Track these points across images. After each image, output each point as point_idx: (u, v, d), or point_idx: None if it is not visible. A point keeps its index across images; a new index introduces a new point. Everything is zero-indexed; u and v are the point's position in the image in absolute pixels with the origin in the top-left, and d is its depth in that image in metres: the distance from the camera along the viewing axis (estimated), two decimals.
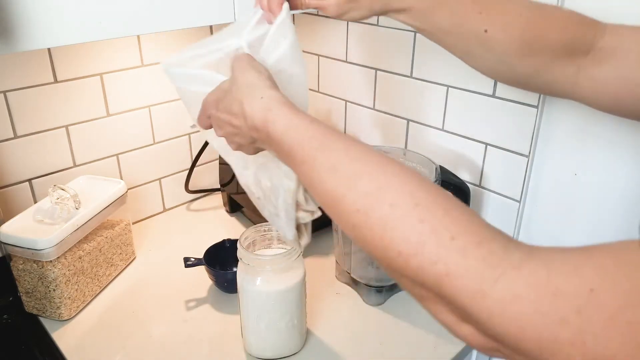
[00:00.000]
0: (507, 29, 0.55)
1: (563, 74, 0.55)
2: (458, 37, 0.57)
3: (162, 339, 0.80)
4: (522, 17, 0.55)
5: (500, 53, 0.55)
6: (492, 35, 0.55)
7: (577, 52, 0.54)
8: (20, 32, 0.55)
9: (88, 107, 0.96)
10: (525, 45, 0.55)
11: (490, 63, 0.57)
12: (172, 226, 1.10)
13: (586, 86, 0.54)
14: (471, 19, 0.56)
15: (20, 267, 0.79)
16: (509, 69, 0.56)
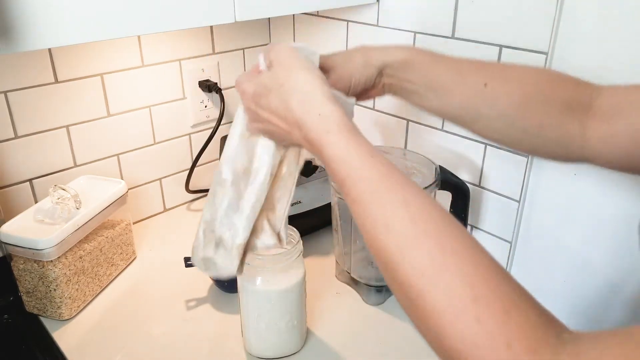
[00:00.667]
0: (507, 83, 0.56)
1: (568, 132, 0.53)
2: (458, 93, 0.56)
3: (162, 339, 0.80)
4: (520, 74, 0.57)
5: (501, 108, 0.55)
6: (492, 89, 0.55)
7: (578, 110, 0.53)
8: (20, 32, 0.55)
9: (88, 107, 0.96)
10: (525, 99, 0.54)
11: (492, 121, 0.56)
12: (173, 226, 1.10)
13: (595, 145, 0.52)
14: (470, 73, 0.57)
15: (21, 267, 0.79)
16: (511, 125, 0.55)
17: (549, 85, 0.56)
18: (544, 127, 0.54)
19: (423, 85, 0.58)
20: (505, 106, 0.55)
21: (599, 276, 0.82)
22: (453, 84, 0.57)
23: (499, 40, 0.80)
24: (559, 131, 0.53)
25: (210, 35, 1.09)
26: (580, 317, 0.86)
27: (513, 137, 0.56)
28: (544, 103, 0.54)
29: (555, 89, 0.56)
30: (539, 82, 0.56)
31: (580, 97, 0.54)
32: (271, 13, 0.79)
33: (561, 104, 0.54)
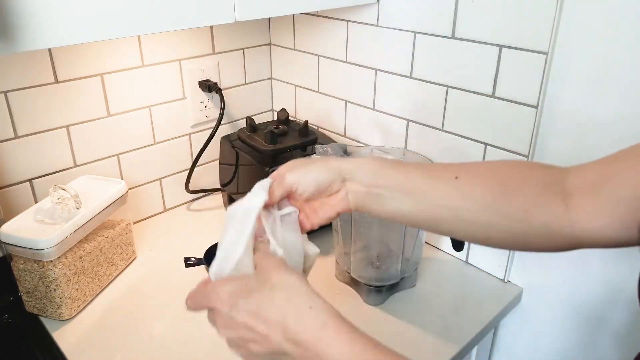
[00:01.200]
0: (478, 174, 0.55)
1: (554, 213, 0.51)
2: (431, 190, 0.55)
3: (162, 339, 0.80)
4: (489, 165, 0.57)
5: (479, 198, 0.53)
6: (465, 180, 0.54)
7: (557, 190, 0.52)
8: (21, 32, 0.55)
9: (88, 107, 0.96)
10: (502, 185, 0.53)
11: (475, 214, 0.53)
12: (173, 226, 1.10)
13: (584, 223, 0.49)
14: (439, 170, 0.56)
15: (21, 267, 0.79)
16: (496, 213, 0.52)
17: (522, 169, 0.56)
18: (529, 211, 0.52)
19: (393, 188, 0.55)
20: (482, 195, 0.53)
21: (599, 276, 0.82)
22: (424, 183, 0.55)
23: (499, 40, 0.80)
24: (545, 214, 0.51)
25: (210, 35, 1.09)
26: (580, 317, 0.87)
27: (501, 228, 0.53)
28: (522, 186, 0.53)
29: (529, 172, 0.55)
30: (511, 167, 0.56)
31: (554, 177, 0.53)
32: (271, 13, 0.79)
33: (539, 186, 0.53)
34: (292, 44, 1.17)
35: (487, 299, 0.90)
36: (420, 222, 0.57)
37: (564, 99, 0.78)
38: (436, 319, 0.84)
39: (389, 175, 0.56)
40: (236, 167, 1.05)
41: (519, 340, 0.97)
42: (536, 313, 0.92)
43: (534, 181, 0.53)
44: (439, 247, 1.02)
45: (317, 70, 1.14)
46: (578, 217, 0.50)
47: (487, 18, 0.81)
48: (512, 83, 0.81)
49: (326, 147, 0.86)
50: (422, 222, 0.57)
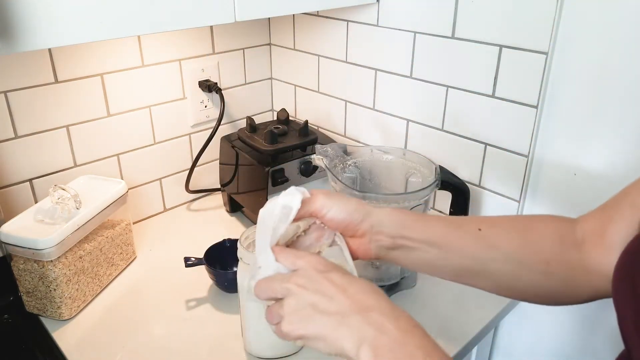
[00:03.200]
0: (500, 227, 0.56)
1: (571, 264, 0.53)
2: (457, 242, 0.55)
3: (162, 339, 0.80)
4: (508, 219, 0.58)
5: (503, 250, 0.55)
6: (488, 233, 0.55)
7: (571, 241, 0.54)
8: (20, 32, 0.55)
9: (88, 107, 0.96)
10: (523, 239, 0.55)
11: (500, 265, 0.55)
12: (173, 226, 1.10)
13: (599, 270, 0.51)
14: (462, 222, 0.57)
15: (21, 267, 0.79)
16: (520, 266, 0.54)
17: (540, 222, 0.58)
18: (550, 264, 0.54)
19: (418, 239, 0.56)
20: (506, 247, 0.55)
21: None
22: (450, 234, 0.56)
23: (499, 40, 0.80)
24: (563, 265, 0.53)
25: (210, 35, 1.09)
26: (580, 317, 0.87)
27: (526, 280, 0.55)
28: (541, 238, 0.55)
29: (547, 224, 0.57)
30: (531, 221, 0.58)
31: (566, 228, 0.55)
32: (271, 13, 0.79)
33: (554, 236, 0.55)
34: (292, 44, 1.17)
35: (487, 299, 0.90)
36: (445, 272, 0.58)
37: (563, 99, 0.78)
38: (436, 319, 0.84)
39: (414, 227, 0.56)
40: (236, 167, 1.05)
41: (519, 340, 0.97)
42: (536, 313, 0.92)
43: (551, 232, 0.55)
44: None
45: (317, 70, 1.14)
46: (591, 265, 0.52)
47: (487, 18, 0.81)
48: (512, 83, 0.81)
49: (326, 147, 0.86)
50: (447, 272, 0.58)
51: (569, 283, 0.54)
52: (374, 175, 0.93)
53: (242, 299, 0.74)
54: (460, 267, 0.56)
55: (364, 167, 0.91)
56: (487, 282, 0.57)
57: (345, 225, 0.56)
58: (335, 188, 0.83)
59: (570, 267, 0.53)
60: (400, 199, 0.80)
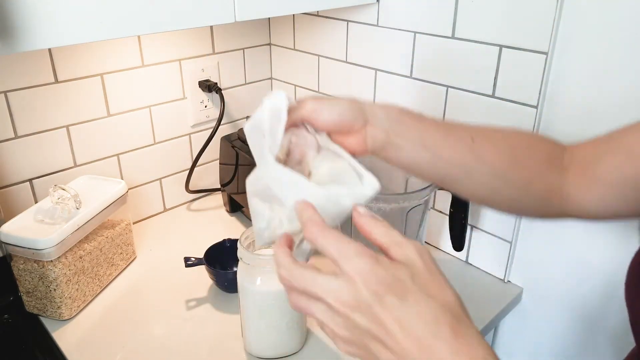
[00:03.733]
0: (493, 141, 0.57)
1: (551, 187, 0.55)
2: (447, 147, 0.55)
3: (162, 339, 0.80)
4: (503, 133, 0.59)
5: (491, 163, 0.55)
6: (480, 145, 0.56)
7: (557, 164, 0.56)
8: (20, 32, 0.55)
9: (88, 107, 0.96)
10: (513, 156, 0.56)
11: (484, 177, 0.56)
12: (173, 226, 1.10)
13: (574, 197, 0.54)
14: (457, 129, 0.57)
15: (21, 267, 0.79)
16: (503, 181, 0.56)
17: (531, 141, 0.59)
18: (532, 183, 0.55)
19: (413, 140, 0.56)
20: (495, 162, 0.55)
21: (599, 276, 0.82)
22: (442, 139, 0.56)
23: (499, 40, 0.80)
24: (543, 186, 0.55)
25: (210, 35, 1.09)
26: (580, 317, 0.87)
27: (504, 194, 0.57)
28: (530, 158, 0.56)
29: (537, 144, 0.59)
30: (522, 138, 0.59)
31: (556, 152, 0.57)
32: (271, 13, 0.79)
33: (544, 159, 0.56)
34: (292, 44, 1.17)
35: (487, 299, 0.90)
36: (432, 177, 0.58)
37: (564, 99, 0.78)
38: None
39: (410, 127, 0.56)
40: (236, 167, 1.05)
41: (519, 340, 0.97)
42: (536, 313, 0.92)
43: (541, 155, 0.57)
44: (439, 247, 1.02)
45: (317, 70, 1.14)
46: (570, 191, 0.54)
47: (487, 18, 0.81)
48: (512, 83, 0.81)
49: None
50: (434, 177, 0.58)
51: (543, 203, 0.56)
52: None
53: (242, 299, 0.74)
54: (448, 173, 0.56)
55: None
56: (469, 192, 0.58)
57: (339, 125, 0.54)
58: None
59: (549, 189, 0.55)
60: (400, 199, 0.80)
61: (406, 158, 0.56)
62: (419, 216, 0.84)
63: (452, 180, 0.57)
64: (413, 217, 0.83)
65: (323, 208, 0.47)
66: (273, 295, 0.71)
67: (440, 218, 0.99)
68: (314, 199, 0.47)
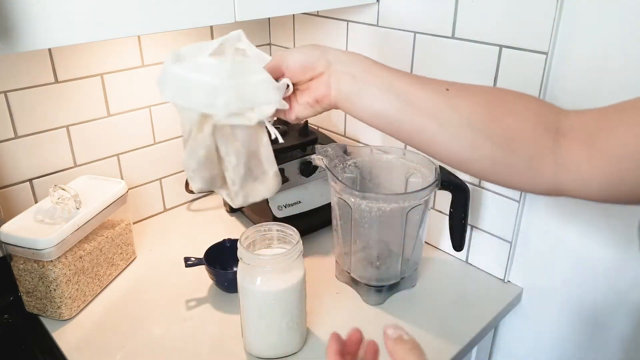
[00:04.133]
0: (470, 93, 0.53)
1: (541, 150, 0.49)
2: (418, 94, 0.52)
3: (162, 339, 0.80)
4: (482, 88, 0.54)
5: (467, 115, 0.51)
6: (455, 95, 0.52)
7: (550, 127, 0.50)
8: (20, 32, 0.55)
9: (88, 107, 0.96)
10: (491, 109, 0.51)
11: (459, 130, 0.51)
12: (173, 226, 1.10)
13: (571, 168, 0.48)
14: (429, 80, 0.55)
15: (21, 267, 0.79)
16: (481, 135, 0.50)
17: (515, 97, 0.53)
18: (515, 139, 0.49)
19: (381, 85, 0.52)
20: (472, 114, 0.51)
21: (599, 276, 0.82)
22: (414, 86, 0.53)
23: (499, 40, 0.80)
24: (531, 148, 0.49)
25: (210, 35, 1.09)
26: (580, 317, 0.87)
27: (484, 152, 0.51)
28: (514, 113, 0.51)
29: (523, 101, 0.53)
30: (505, 94, 0.53)
31: (549, 114, 0.51)
32: (271, 13, 0.79)
33: (530, 116, 0.50)
34: (292, 44, 1.17)
35: (487, 299, 0.90)
36: (399, 129, 0.54)
37: (564, 99, 0.78)
38: (436, 319, 0.84)
39: (379, 72, 0.54)
40: None
41: (519, 340, 0.97)
42: (536, 313, 0.92)
43: (527, 112, 0.51)
44: (439, 247, 1.02)
45: None
46: (565, 161, 0.48)
47: (487, 18, 0.81)
48: (512, 83, 0.81)
49: (326, 147, 0.86)
50: (402, 129, 0.54)
51: (531, 169, 0.50)
52: (374, 175, 0.93)
53: (242, 299, 0.74)
54: (418, 124, 0.52)
55: (364, 167, 0.92)
56: (442, 147, 0.53)
57: (304, 66, 0.56)
58: (335, 188, 0.83)
59: (538, 153, 0.49)
60: (400, 199, 0.80)
61: (373, 106, 0.53)
62: (419, 216, 0.84)
63: (424, 134, 0.52)
64: (413, 217, 0.83)
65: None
66: (273, 295, 0.71)
67: (440, 218, 0.99)
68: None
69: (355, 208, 0.82)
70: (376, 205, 0.80)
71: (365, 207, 0.81)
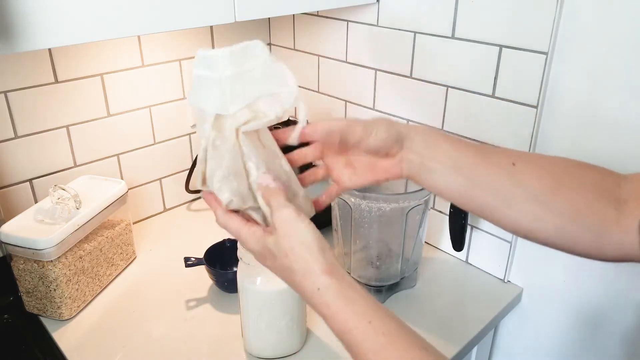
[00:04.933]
0: (535, 165, 0.54)
1: (605, 218, 0.50)
2: (485, 171, 0.53)
3: (162, 339, 0.80)
4: (546, 158, 0.55)
5: (532, 189, 0.52)
6: (521, 170, 0.53)
7: (611, 195, 0.51)
8: (20, 32, 0.55)
9: (88, 107, 0.96)
10: (557, 181, 0.52)
11: (525, 204, 0.52)
12: (173, 226, 1.10)
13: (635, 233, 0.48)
14: (495, 153, 0.55)
15: (21, 267, 0.79)
16: (547, 209, 0.51)
17: (578, 168, 0.54)
18: (580, 212, 0.51)
19: (447, 164, 0.54)
20: (537, 187, 0.52)
21: (599, 276, 0.82)
22: (478, 163, 0.54)
23: (499, 40, 0.80)
24: (595, 217, 0.50)
25: (210, 35, 1.09)
26: (580, 317, 0.87)
27: (549, 223, 0.52)
28: (577, 185, 0.52)
29: (585, 172, 0.54)
30: (568, 165, 0.54)
31: (609, 183, 0.52)
32: (271, 13, 0.79)
33: (593, 187, 0.51)
34: (292, 44, 1.17)
35: (487, 299, 0.90)
36: (467, 203, 0.55)
37: (564, 99, 0.78)
38: (436, 319, 0.84)
39: (445, 150, 0.55)
40: None
41: (519, 340, 0.97)
42: (536, 313, 0.92)
43: (590, 183, 0.52)
44: (439, 247, 1.02)
45: (317, 70, 1.14)
46: (629, 228, 0.49)
47: (487, 18, 0.81)
48: (512, 83, 0.81)
49: None
50: (469, 203, 0.55)
51: (598, 235, 0.50)
52: None
53: (242, 299, 0.74)
54: (483, 199, 0.54)
55: None
56: (508, 220, 0.54)
57: (380, 149, 0.56)
58: None
59: (603, 220, 0.50)
60: (401, 199, 0.80)
61: (440, 183, 0.55)
62: (419, 216, 0.84)
63: (490, 208, 0.54)
64: (413, 217, 0.83)
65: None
66: (273, 295, 0.71)
67: (440, 218, 0.99)
68: None
69: (355, 208, 0.82)
70: (376, 205, 0.80)
71: (365, 207, 0.81)
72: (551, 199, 0.52)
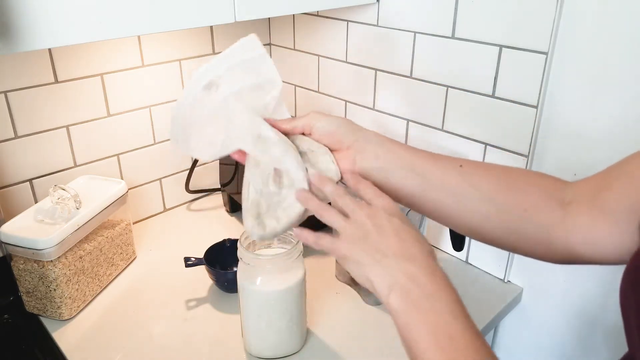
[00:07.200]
0: (483, 169, 0.57)
1: (552, 218, 0.52)
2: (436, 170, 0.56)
3: (162, 339, 0.80)
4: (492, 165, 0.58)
5: (481, 187, 0.54)
6: (469, 170, 0.55)
7: (558, 197, 0.53)
8: (21, 32, 0.55)
9: (88, 107, 0.96)
10: (505, 183, 0.55)
11: (477, 204, 0.54)
12: (173, 226, 1.10)
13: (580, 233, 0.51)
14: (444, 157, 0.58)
15: (21, 267, 0.79)
16: (497, 208, 0.54)
17: (523, 172, 0.58)
18: (528, 210, 0.53)
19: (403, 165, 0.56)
20: (485, 186, 0.55)
21: (599, 276, 0.82)
22: (431, 164, 0.56)
23: (499, 40, 0.80)
24: (543, 217, 0.52)
25: (210, 35, 1.09)
26: (580, 317, 0.87)
27: (498, 222, 0.54)
28: (524, 186, 0.54)
29: (530, 175, 0.58)
30: (513, 170, 0.57)
31: (555, 186, 0.55)
32: (271, 13, 0.79)
33: (539, 189, 0.54)
34: (292, 44, 1.17)
35: (487, 299, 0.90)
36: (422, 204, 0.57)
37: (564, 99, 0.78)
38: None
39: (400, 153, 0.57)
40: (236, 167, 1.05)
41: (519, 340, 0.97)
42: (536, 313, 0.92)
43: (537, 185, 0.55)
44: (439, 247, 1.02)
45: (317, 70, 1.14)
46: (574, 227, 0.51)
47: (487, 18, 0.81)
48: (512, 83, 0.81)
49: None
50: (424, 204, 0.57)
51: (545, 238, 0.53)
52: None
53: (242, 299, 0.74)
54: (437, 199, 0.56)
55: None
56: (459, 220, 0.57)
57: (332, 136, 0.58)
58: None
59: (550, 219, 0.52)
60: None
61: (396, 183, 0.57)
62: (419, 216, 0.84)
63: (443, 208, 0.56)
64: (413, 217, 0.83)
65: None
66: (273, 295, 0.71)
67: None
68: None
69: None
70: None
71: None
72: (501, 198, 0.54)
